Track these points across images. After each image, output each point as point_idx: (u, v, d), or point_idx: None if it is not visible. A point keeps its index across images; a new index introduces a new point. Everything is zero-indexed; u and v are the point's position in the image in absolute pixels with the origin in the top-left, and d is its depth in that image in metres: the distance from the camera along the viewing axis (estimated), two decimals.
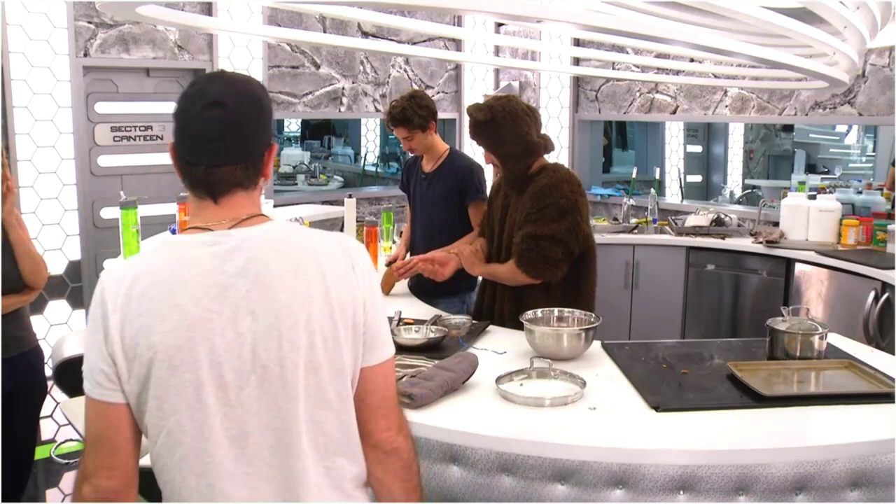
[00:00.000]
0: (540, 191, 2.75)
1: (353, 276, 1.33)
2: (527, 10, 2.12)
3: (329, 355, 1.30)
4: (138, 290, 1.26)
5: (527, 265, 2.72)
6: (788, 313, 2.42)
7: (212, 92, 1.29)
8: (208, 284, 1.26)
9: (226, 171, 1.30)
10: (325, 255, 1.32)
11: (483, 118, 2.77)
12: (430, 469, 1.98)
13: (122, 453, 1.30)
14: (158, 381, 1.24)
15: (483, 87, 6.90)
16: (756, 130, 8.14)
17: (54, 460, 3.65)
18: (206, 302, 1.25)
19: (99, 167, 5.24)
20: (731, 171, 8.29)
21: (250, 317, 1.26)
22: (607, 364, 2.36)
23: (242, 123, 1.30)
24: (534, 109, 2.86)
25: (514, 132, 2.76)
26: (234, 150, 1.30)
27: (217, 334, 1.25)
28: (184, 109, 1.31)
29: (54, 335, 4.86)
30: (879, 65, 4.89)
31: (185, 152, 1.31)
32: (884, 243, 4.37)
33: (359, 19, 4.86)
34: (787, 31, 2.31)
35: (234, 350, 1.25)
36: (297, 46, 5.86)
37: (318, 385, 1.29)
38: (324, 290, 1.29)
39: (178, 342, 1.24)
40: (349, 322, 1.32)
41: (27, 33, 4.73)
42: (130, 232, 2.89)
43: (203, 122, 1.28)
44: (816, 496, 1.84)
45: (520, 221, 2.79)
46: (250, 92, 1.33)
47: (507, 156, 2.81)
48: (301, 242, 1.33)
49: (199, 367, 1.24)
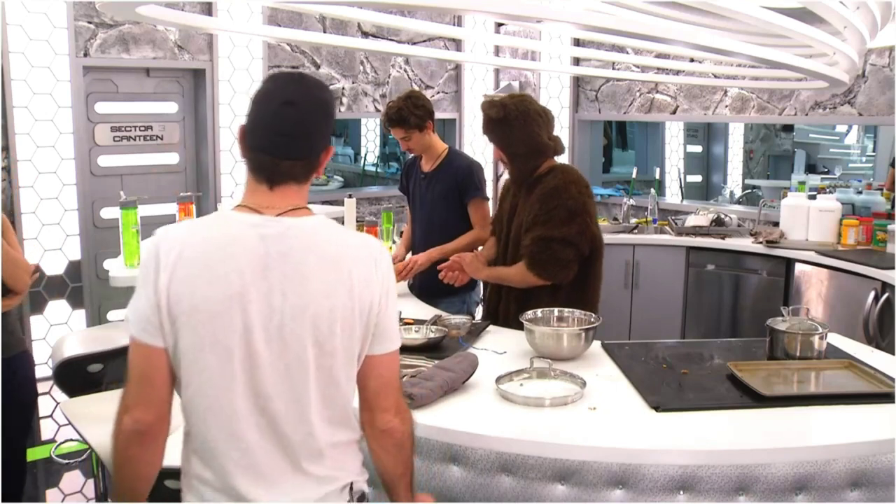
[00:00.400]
0: (548, 192, 2.76)
1: (375, 277, 1.48)
2: (527, 10, 2.12)
3: (344, 344, 1.46)
4: (189, 255, 1.41)
5: (538, 267, 2.73)
6: (788, 313, 2.42)
7: (288, 92, 1.45)
8: (252, 262, 1.41)
9: (287, 165, 1.46)
10: (355, 255, 1.48)
11: (495, 115, 2.78)
12: (430, 469, 1.98)
13: (158, 391, 1.47)
14: (195, 339, 1.41)
15: (483, 87, 6.90)
16: (756, 130, 8.14)
17: (54, 460, 3.65)
18: (248, 276, 1.40)
19: (99, 167, 5.24)
20: (731, 171, 8.28)
21: (282, 297, 1.41)
22: (607, 364, 2.36)
23: (309, 124, 1.45)
24: (547, 111, 2.87)
25: (525, 132, 2.77)
26: (298, 147, 1.45)
27: (252, 306, 1.40)
28: (260, 103, 1.47)
29: (54, 335, 4.86)
30: (879, 65, 4.89)
31: (255, 141, 1.47)
32: (884, 243, 4.37)
33: (359, 19, 4.86)
34: (787, 31, 2.31)
35: (264, 322, 1.41)
36: (297, 46, 5.86)
37: (331, 367, 1.46)
38: (349, 287, 1.44)
39: (218, 308, 1.39)
40: (365, 317, 1.47)
41: (27, 33, 4.72)
42: (130, 232, 2.89)
43: (276, 118, 1.44)
44: (816, 496, 1.84)
45: (528, 223, 2.79)
46: (321, 97, 1.49)
47: (516, 155, 2.82)
48: (338, 239, 1.49)
49: (233, 332, 1.40)
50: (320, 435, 1.47)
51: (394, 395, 1.55)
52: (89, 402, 2.70)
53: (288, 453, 1.46)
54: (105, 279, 3.35)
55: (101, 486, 2.99)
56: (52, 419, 4.37)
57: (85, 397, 2.76)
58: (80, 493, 3.57)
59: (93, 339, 3.20)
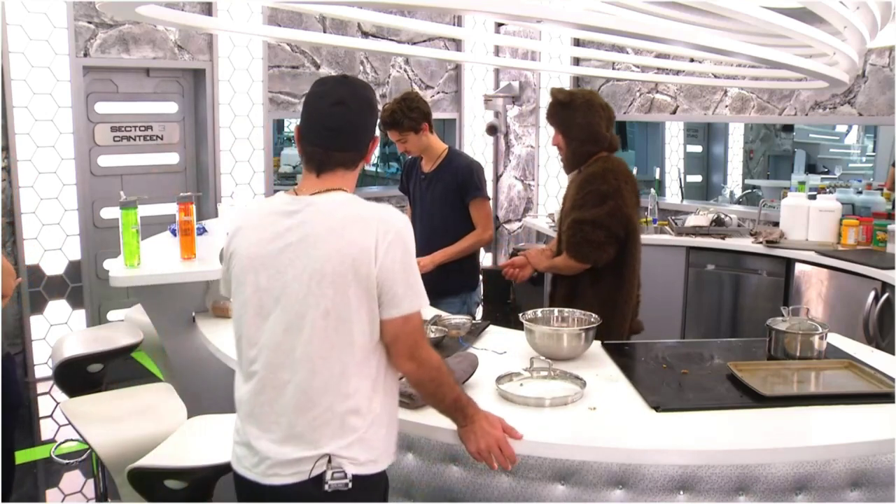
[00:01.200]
0: (585, 179, 2.91)
1: (379, 246, 1.62)
2: (527, 10, 2.12)
3: (337, 306, 1.62)
4: (240, 226, 1.75)
5: (573, 250, 2.85)
6: (788, 313, 2.42)
7: (338, 93, 1.69)
8: (272, 232, 1.67)
9: (339, 156, 1.71)
10: (362, 226, 1.63)
11: (563, 99, 2.94)
12: (430, 469, 1.98)
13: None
14: (234, 288, 1.75)
15: (483, 87, 6.90)
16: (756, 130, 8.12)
17: (54, 460, 3.65)
18: (265, 244, 1.67)
19: (99, 167, 5.24)
20: (731, 171, 8.26)
21: (290, 263, 1.64)
22: (607, 364, 2.36)
23: (356, 121, 1.70)
24: (609, 108, 3.01)
25: (586, 119, 2.91)
26: (347, 140, 1.70)
27: (264, 268, 1.67)
28: (314, 103, 1.70)
29: (54, 335, 4.86)
30: (879, 65, 4.89)
31: (309, 136, 1.70)
32: (884, 243, 4.37)
33: (359, 19, 4.86)
34: (787, 31, 2.31)
35: (270, 283, 1.66)
36: (297, 46, 5.86)
37: (325, 327, 1.62)
38: (352, 255, 1.61)
39: (244, 267, 1.70)
40: (363, 282, 1.62)
41: (27, 33, 4.73)
42: (130, 232, 2.88)
43: (329, 116, 1.68)
44: (816, 496, 1.85)
45: (567, 210, 2.96)
46: (366, 97, 1.74)
47: (573, 139, 2.94)
48: (348, 212, 1.66)
49: (248, 288, 1.69)
50: (309, 394, 1.63)
51: (405, 347, 1.69)
52: (89, 402, 2.70)
53: (275, 408, 1.66)
54: (105, 279, 3.34)
55: (101, 486, 2.99)
56: (52, 419, 4.37)
57: (85, 397, 2.76)
58: (80, 493, 3.56)
59: (93, 339, 3.20)
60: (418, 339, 1.71)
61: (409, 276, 1.67)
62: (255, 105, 5.70)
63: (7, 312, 2.71)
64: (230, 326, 1.83)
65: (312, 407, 1.63)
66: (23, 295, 4.80)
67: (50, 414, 4.45)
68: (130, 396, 2.76)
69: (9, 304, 2.69)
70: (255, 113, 5.70)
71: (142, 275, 2.87)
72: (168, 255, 3.12)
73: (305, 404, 1.64)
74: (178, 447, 2.22)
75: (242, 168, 5.72)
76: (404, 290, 1.66)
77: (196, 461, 2.13)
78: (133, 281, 2.87)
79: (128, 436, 2.40)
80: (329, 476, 1.62)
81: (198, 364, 2.90)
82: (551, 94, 3.01)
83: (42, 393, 4.76)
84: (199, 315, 2.90)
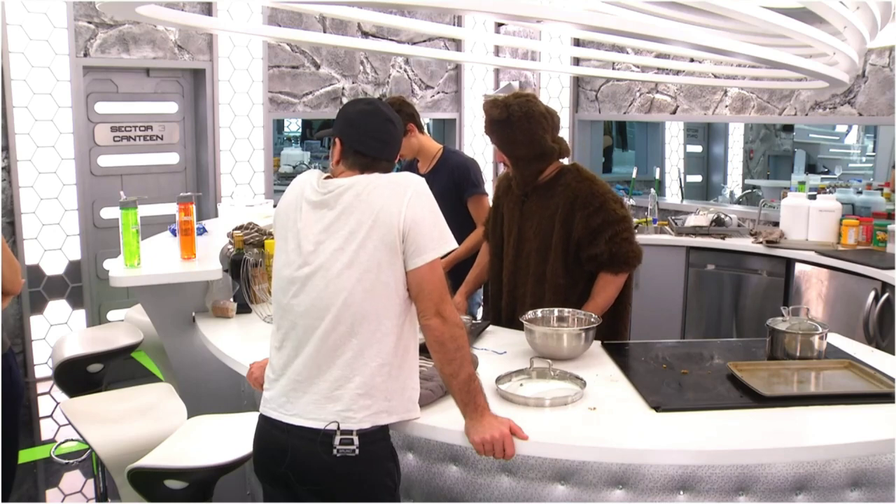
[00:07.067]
0: (585, 198, 2.68)
1: (402, 205, 1.81)
2: (527, 10, 2.12)
3: (362, 274, 1.80)
4: (283, 198, 2.00)
5: (619, 264, 2.67)
6: (788, 313, 2.42)
7: (386, 112, 1.98)
8: (303, 204, 1.92)
9: (383, 163, 1.96)
10: (386, 193, 1.84)
11: (498, 116, 2.67)
12: (430, 469, 1.98)
13: None
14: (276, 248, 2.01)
15: (483, 87, 6.90)
16: (756, 130, 8.14)
17: (54, 460, 3.65)
18: (292, 212, 1.93)
19: (99, 167, 5.24)
20: (731, 171, 8.28)
21: (317, 229, 1.87)
22: (607, 364, 2.35)
23: (399, 137, 2.02)
24: (553, 112, 2.76)
25: (529, 135, 2.66)
26: (392, 151, 1.99)
27: (294, 233, 1.91)
28: (366, 119, 1.96)
29: (54, 335, 4.86)
30: (879, 65, 4.89)
31: (360, 146, 1.93)
32: (884, 243, 4.37)
33: (359, 19, 4.86)
34: (787, 31, 2.31)
35: (300, 246, 1.88)
36: (297, 46, 5.86)
37: (351, 290, 1.80)
38: (374, 221, 1.80)
39: (279, 228, 1.98)
40: (388, 246, 1.80)
41: (27, 33, 4.73)
42: (130, 232, 2.88)
43: (382, 131, 1.97)
44: (816, 496, 1.85)
45: (586, 234, 2.67)
46: (400, 119, 2.04)
47: (519, 157, 2.73)
48: (372, 183, 1.86)
49: (285, 255, 1.92)
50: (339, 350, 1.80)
51: (432, 301, 1.83)
52: (89, 402, 2.70)
53: (307, 362, 1.83)
54: (105, 279, 3.35)
55: (101, 486, 2.99)
56: (52, 419, 4.38)
57: (85, 397, 2.76)
58: (80, 493, 3.56)
59: (93, 339, 3.20)
60: (444, 294, 1.84)
61: (428, 228, 1.85)
62: (255, 105, 5.70)
63: (7, 312, 2.70)
64: (230, 326, 1.83)
65: (342, 361, 1.81)
66: (23, 295, 4.79)
67: (50, 414, 4.45)
68: (130, 396, 2.76)
69: (9, 304, 2.68)
70: (255, 113, 5.71)
71: (142, 275, 2.87)
72: (168, 255, 3.12)
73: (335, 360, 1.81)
74: (178, 447, 2.22)
75: (242, 168, 5.72)
76: (427, 240, 1.83)
77: (196, 461, 2.13)
78: (133, 281, 2.87)
79: (128, 436, 2.40)
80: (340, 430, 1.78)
81: (198, 364, 2.90)
82: (484, 110, 2.75)
83: (42, 393, 4.76)
84: (199, 315, 2.90)
